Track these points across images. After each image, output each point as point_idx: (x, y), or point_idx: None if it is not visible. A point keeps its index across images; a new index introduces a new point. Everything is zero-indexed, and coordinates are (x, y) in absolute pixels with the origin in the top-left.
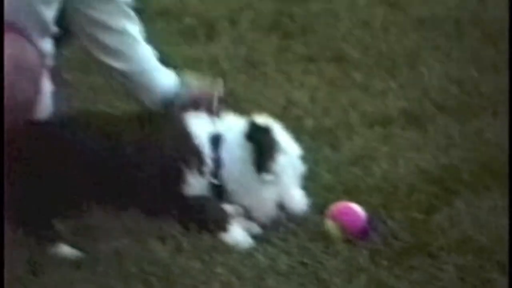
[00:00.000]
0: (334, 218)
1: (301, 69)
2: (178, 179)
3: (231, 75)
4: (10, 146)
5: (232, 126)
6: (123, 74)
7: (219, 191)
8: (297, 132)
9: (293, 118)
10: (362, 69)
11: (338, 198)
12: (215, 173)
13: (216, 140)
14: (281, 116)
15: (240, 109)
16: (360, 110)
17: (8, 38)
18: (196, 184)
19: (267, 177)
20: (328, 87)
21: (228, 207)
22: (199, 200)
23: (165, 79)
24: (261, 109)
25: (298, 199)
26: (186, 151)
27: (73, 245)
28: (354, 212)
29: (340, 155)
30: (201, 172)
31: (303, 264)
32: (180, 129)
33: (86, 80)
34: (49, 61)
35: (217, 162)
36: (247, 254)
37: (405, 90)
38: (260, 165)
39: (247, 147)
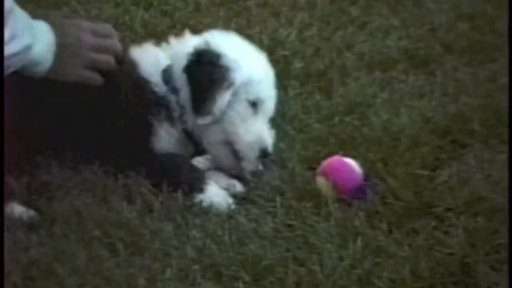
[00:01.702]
0: (326, 174)
1: (289, 3)
2: (148, 133)
3: (207, 10)
4: None
5: (182, 51)
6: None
7: (190, 137)
8: (284, 76)
9: (279, 60)
10: (359, 3)
11: (330, 152)
12: (182, 118)
13: (167, 78)
14: (265, 57)
15: None
16: (357, 51)
17: None
18: (166, 136)
19: (202, 120)
20: (320, 24)
21: (199, 160)
22: (170, 157)
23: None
24: None
25: (247, 140)
26: (151, 102)
27: (27, 204)
28: (349, 168)
29: (333, 102)
30: (171, 122)
31: (290, 227)
32: (135, 75)
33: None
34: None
35: (180, 105)
36: (227, 215)
37: (408, 28)
38: (195, 107)
39: (187, 81)
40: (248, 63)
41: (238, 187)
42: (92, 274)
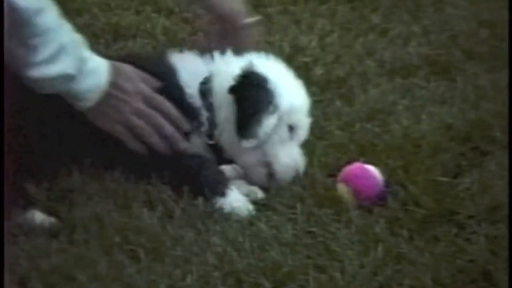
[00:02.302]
0: (347, 181)
1: (310, 10)
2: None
3: None
4: None
5: (226, 70)
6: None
7: (216, 151)
8: (304, 83)
9: (300, 67)
10: (380, 10)
11: (351, 159)
12: (210, 133)
13: (204, 92)
14: (286, 64)
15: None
16: (378, 57)
17: None
18: (193, 145)
19: (247, 143)
20: (341, 31)
21: (226, 169)
22: (194, 161)
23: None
24: None
25: (286, 163)
26: (182, 110)
27: (47, 211)
28: (370, 175)
29: (353, 109)
30: (199, 134)
31: (311, 233)
32: (172, 81)
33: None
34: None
35: (212, 121)
36: (247, 222)
37: (429, 35)
38: (241, 129)
39: (233, 102)
40: (290, 89)
41: (259, 193)
42: (113, 280)
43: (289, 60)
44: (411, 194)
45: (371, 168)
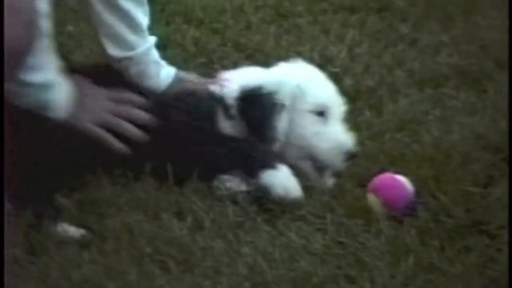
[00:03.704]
0: (377, 191)
1: (339, 20)
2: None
3: (259, 27)
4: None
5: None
6: (119, 60)
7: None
8: None
9: (329, 77)
10: (409, 20)
11: (381, 169)
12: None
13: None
14: None
15: (269, 66)
16: (407, 68)
17: None
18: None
19: (275, 146)
20: (370, 41)
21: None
22: (242, 142)
23: (162, 73)
24: None
25: (327, 149)
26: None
27: (78, 222)
28: (400, 185)
29: (383, 119)
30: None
31: (341, 244)
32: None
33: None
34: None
35: None
36: (278, 232)
37: (459, 44)
38: (259, 139)
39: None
40: (293, 77)
41: (298, 191)
42: None
43: (319, 70)
44: (441, 204)
45: (401, 178)
